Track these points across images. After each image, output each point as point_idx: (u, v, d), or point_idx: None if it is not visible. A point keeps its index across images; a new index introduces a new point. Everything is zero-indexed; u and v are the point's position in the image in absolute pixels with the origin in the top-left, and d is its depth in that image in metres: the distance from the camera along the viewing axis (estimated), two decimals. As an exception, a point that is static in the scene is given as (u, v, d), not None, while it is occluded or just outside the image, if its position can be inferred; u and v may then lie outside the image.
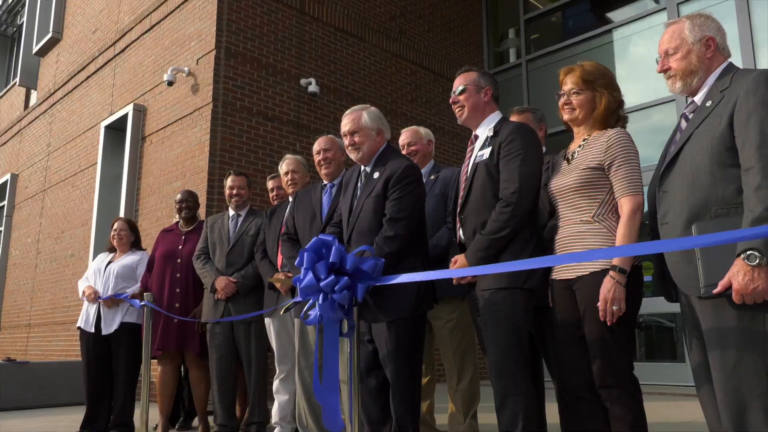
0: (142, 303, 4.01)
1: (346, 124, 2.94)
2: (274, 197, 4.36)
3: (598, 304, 2.18)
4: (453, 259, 2.62)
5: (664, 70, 2.12)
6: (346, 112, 2.99)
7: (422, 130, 3.76)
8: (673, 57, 2.09)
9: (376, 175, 2.84)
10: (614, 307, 2.16)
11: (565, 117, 2.48)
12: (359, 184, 2.95)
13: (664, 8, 7.71)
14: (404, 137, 3.70)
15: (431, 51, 8.91)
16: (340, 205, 3.10)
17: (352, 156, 2.95)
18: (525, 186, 2.47)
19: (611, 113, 2.41)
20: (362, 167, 2.97)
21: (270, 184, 4.41)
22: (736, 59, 6.83)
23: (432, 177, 3.57)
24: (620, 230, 2.25)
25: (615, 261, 2.19)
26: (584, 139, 2.43)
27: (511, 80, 9.18)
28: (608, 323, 2.18)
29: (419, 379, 2.80)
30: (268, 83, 6.87)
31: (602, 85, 2.40)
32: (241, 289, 4.06)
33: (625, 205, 2.26)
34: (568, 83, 2.44)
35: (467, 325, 3.42)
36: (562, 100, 2.47)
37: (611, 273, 2.18)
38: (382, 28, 8.29)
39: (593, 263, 2.27)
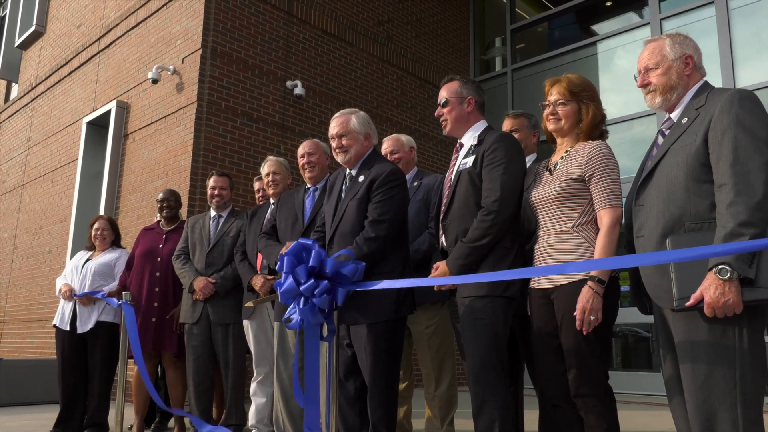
0: (120, 302, 3.97)
1: (334, 127, 2.95)
2: (261, 198, 4.35)
3: (576, 313, 2.21)
4: (435, 266, 2.64)
5: (644, 85, 2.16)
6: (335, 115, 3.00)
7: (404, 137, 3.77)
8: (653, 72, 2.14)
9: (361, 178, 2.86)
10: (591, 317, 2.19)
11: (550, 127, 2.51)
12: (344, 187, 2.96)
13: (648, 23, 7.84)
14: (386, 145, 3.72)
15: (418, 57, 8.95)
16: (323, 209, 3.11)
17: (339, 158, 2.96)
18: (506, 195, 2.49)
19: (596, 126, 2.44)
20: (347, 170, 2.98)
21: (257, 185, 4.41)
22: (717, 74, 7.02)
23: (415, 183, 3.59)
24: (599, 242, 2.28)
25: (593, 271, 2.22)
26: (566, 151, 2.47)
27: (497, 89, 9.26)
28: (584, 333, 2.21)
29: (396, 384, 2.80)
30: (254, 84, 6.85)
31: (588, 97, 2.44)
32: (219, 290, 4.04)
33: (604, 217, 2.29)
34: (554, 94, 2.47)
35: (446, 331, 3.44)
36: (547, 111, 2.50)
37: (589, 283, 2.21)
38: (369, 32, 8.32)
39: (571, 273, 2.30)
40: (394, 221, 2.75)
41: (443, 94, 2.77)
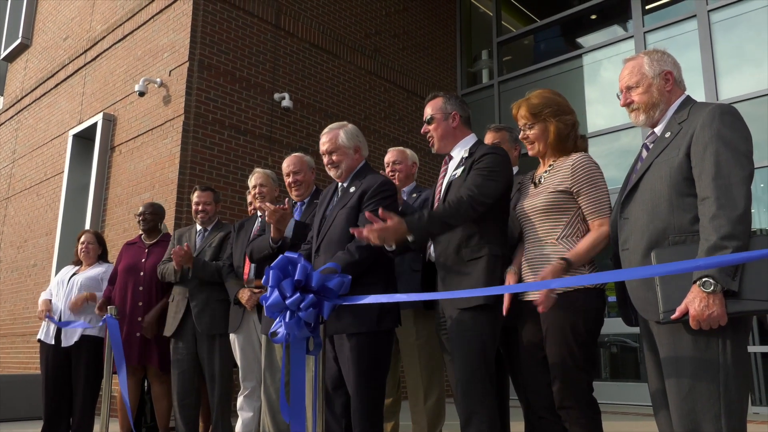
0: (104, 317, 3.94)
1: (324, 143, 2.97)
2: (252, 210, 4.35)
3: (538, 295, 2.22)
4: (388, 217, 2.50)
5: (627, 104, 2.19)
6: (324, 130, 3.01)
7: (408, 151, 3.84)
8: (635, 91, 2.17)
9: (352, 189, 2.88)
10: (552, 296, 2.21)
11: (529, 152, 2.56)
12: (335, 199, 2.98)
13: (632, 36, 7.94)
14: (390, 156, 3.76)
15: (405, 69, 8.99)
16: (310, 220, 3.12)
17: (331, 173, 2.97)
18: (485, 192, 2.47)
19: (564, 139, 2.46)
20: (339, 183, 3.00)
21: (249, 197, 4.41)
22: (699, 87, 7.10)
23: (414, 195, 3.64)
24: (587, 237, 2.31)
25: (568, 255, 2.26)
26: (550, 165, 2.49)
27: (484, 101, 9.32)
28: (541, 309, 2.21)
29: (381, 399, 2.78)
30: (241, 97, 6.85)
31: (549, 113, 2.46)
32: (196, 264, 3.97)
33: (600, 226, 2.32)
34: (520, 119, 2.52)
35: (437, 342, 3.43)
36: (521, 136, 2.55)
37: (558, 261, 2.24)
38: (357, 45, 8.35)
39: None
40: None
41: (428, 112, 2.79)
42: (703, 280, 1.76)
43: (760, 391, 6.16)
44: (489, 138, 3.29)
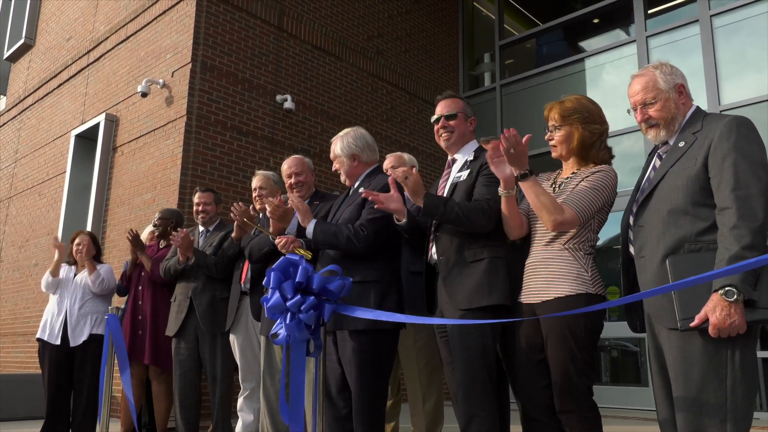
0: (106, 316, 3.96)
1: (331, 151, 3.09)
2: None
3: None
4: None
5: (645, 120, 2.17)
6: (333, 138, 3.12)
7: (406, 156, 3.86)
8: (652, 107, 2.16)
9: (361, 189, 2.91)
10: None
11: (552, 154, 2.54)
12: (345, 200, 3.04)
13: (634, 40, 7.93)
14: (388, 161, 3.80)
15: (408, 72, 9.00)
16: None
17: (341, 179, 3.08)
18: (497, 209, 2.50)
19: (587, 147, 2.43)
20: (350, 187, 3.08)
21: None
22: (702, 91, 7.08)
23: None
24: (550, 196, 2.28)
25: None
26: (573, 172, 2.47)
27: (486, 104, 9.32)
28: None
29: (383, 400, 2.78)
30: (244, 98, 6.86)
31: (578, 120, 2.43)
32: (200, 260, 4.02)
33: (566, 210, 2.28)
34: (550, 121, 2.50)
35: (436, 345, 3.43)
36: (546, 137, 2.53)
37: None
38: (359, 47, 8.36)
39: (558, 289, 2.31)
40: (386, 227, 2.75)
41: (451, 107, 2.80)
42: (726, 289, 1.77)
43: (761, 396, 6.15)
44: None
